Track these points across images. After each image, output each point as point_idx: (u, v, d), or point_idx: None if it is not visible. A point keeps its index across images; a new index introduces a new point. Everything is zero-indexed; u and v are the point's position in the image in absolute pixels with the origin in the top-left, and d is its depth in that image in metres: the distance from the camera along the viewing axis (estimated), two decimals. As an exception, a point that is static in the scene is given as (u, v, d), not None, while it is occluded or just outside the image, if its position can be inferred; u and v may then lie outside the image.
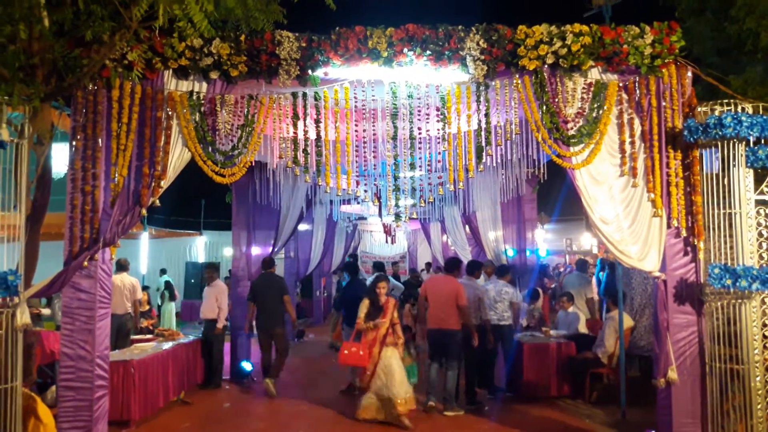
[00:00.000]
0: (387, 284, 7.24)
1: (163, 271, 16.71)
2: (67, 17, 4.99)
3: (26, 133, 5.21)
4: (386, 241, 17.94)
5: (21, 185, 5.20)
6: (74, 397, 5.43)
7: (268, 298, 8.78)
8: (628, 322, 7.98)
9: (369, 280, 9.98)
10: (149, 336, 9.48)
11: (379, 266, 10.89)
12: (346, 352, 7.24)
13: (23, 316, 5.12)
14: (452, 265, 8.30)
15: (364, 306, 7.33)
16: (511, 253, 10.87)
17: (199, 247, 21.58)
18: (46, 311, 9.82)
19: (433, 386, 7.67)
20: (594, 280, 11.43)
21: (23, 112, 5.17)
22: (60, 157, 6.55)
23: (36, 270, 5.50)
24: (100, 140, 5.54)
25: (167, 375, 7.78)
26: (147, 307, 11.50)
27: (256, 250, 10.07)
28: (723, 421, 5.43)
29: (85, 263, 5.45)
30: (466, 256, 13.39)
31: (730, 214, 5.50)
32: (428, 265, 17.78)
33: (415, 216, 14.67)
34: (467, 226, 12.58)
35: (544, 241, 22.51)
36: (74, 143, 5.55)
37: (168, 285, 14.41)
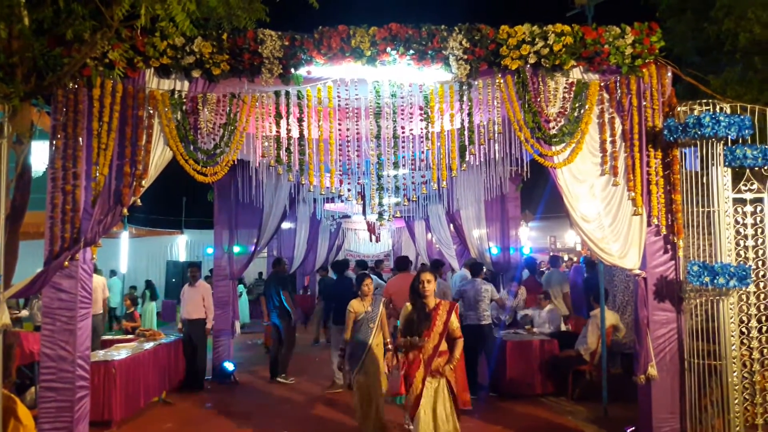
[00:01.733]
0: (435, 280, 5.27)
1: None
2: (47, 16, 4.93)
3: (5, 132, 5.16)
4: (370, 240, 17.94)
5: (0, 184, 5.14)
6: (55, 398, 5.39)
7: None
8: (612, 319, 8.06)
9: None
10: (130, 336, 9.40)
11: (361, 264, 10.90)
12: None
13: (3, 317, 5.06)
14: (404, 263, 8.78)
15: (405, 312, 5.27)
16: (495, 250, 10.93)
17: (181, 246, 21.44)
18: (23, 313, 9.71)
19: None
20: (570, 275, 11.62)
21: (2, 111, 5.11)
22: (39, 156, 6.49)
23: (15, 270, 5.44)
24: (80, 139, 5.49)
25: (148, 375, 7.73)
26: (131, 309, 11.39)
27: (237, 249, 10.04)
28: (701, 416, 5.53)
29: (66, 263, 5.40)
30: (450, 254, 13.49)
31: (708, 212, 5.59)
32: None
33: (399, 215, 14.70)
34: (452, 224, 12.65)
35: (529, 238, 22.68)
36: (54, 142, 5.50)
37: (149, 284, 14.30)
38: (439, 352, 4.97)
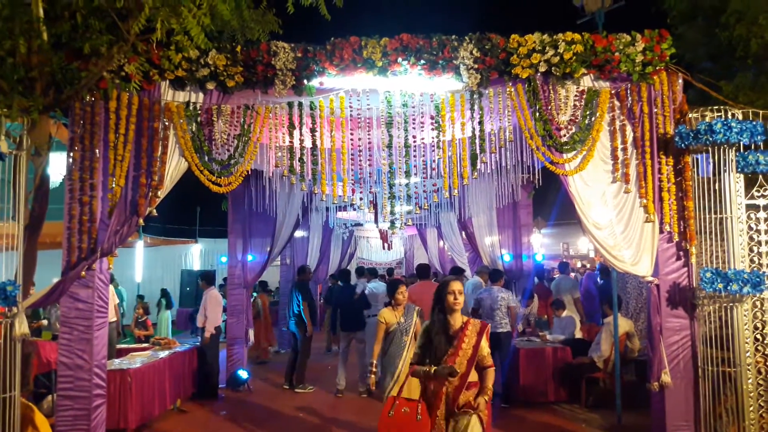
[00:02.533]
0: (462, 289, 4.36)
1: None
2: (65, 30, 5.03)
3: (24, 144, 5.26)
4: (383, 248, 17.96)
5: (19, 196, 5.24)
6: (72, 406, 5.46)
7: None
8: (625, 326, 8.03)
9: (371, 286, 10.06)
10: (145, 345, 9.48)
11: (372, 272, 10.95)
12: (390, 413, 4.76)
13: (21, 326, 5.15)
14: (425, 271, 8.70)
15: (421, 331, 4.41)
16: (507, 258, 10.93)
17: (195, 254, 21.56)
18: (44, 322, 9.82)
19: None
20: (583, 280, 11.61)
21: (22, 124, 5.21)
22: (57, 166, 6.59)
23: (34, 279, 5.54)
24: (97, 151, 5.58)
25: (163, 383, 7.80)
26: (144, 317, 11.48)
27: (251, 257, 10.11)
28: (716, 423, 5.49)
29: (83, 273, 5.47)
30: (462, 261, 13.49)
31: (721, 218, 5.57)
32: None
33: (410, 223, 14.73)
34: (463, 232, 12.66)
35: (541, 245, 22.58)
36: (72, 154, 5.59)
37: (164, 293, 14.41)
38: (468, 384, 4.05)
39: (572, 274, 13.41)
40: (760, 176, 5.62)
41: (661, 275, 5.81)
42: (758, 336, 5.56)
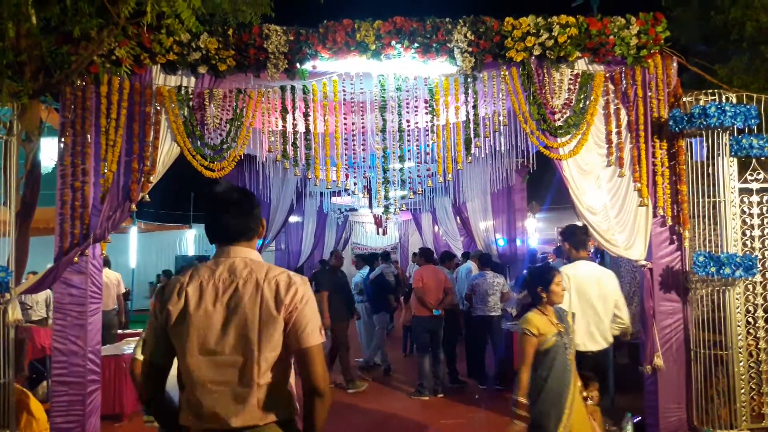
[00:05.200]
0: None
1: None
2: (54, 14, 4.98)
3: (15, 129, 5.22)
4: (377, 233, 17.95)
5: (10, 181, 5.21)
6: (67, 392, 5.46)
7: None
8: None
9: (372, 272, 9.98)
10: (140, 330, 9.47)
11: (366, 258, 10.91)
12: None
13: (15, 312, 5.15)
14: (430, 254, 8.82)
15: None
16: (501, 242, 10.95)
17: (189, 240, 21.52)
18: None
19: (427, 378, 7.84)
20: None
21: (12, 109, 5.17)
22: (48, 152, 6.55)
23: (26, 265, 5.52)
24: (89, 136, 5.53)
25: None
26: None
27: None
28: (707, 405, 5.55)
29: (76, 259, 5.45)
30: (457, 246, 13.50)
31: (714, 202, 5.59)
32: (415, 255, 17.85)
33: (405, 208, 14.73)
34: (458, 217, 12.66)
35: (536, 230, 22.60)
36: (63, 139, 5.54)
37: (159, 279, 14.39)
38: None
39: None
40: (754, 160, 5.64)
41: (655, 259, 5.82)
42: (750, 319, 5.61)
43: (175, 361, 2.37)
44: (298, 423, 2.39)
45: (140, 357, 3.60)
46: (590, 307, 4.89)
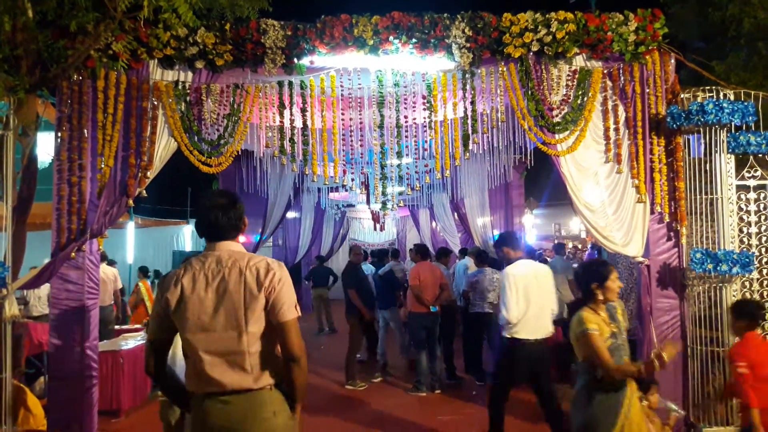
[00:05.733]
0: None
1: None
2: (50, 8, 4.94)
3: (11, 124, 5.20)
4: (375, 229, 17.95)
5: (7, 176, 5.20)
6: (64, 388, 5.44)
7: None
8: (616, 306, 8.06)
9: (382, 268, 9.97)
10: (137, 326, 9.47)
11: (377, 254, 10.89)
12: None
13: (12, 308, 5.14)
14: (426, 251, 8.83)
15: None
16: (499, 239, 10.93)
17: (186, 235, 21.48)
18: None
19: (424, 374, 7.85)
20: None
21: (8, 103, 5.14)
22: (45, 146, 6.52)
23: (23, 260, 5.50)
24: (85, 131, 5.51)
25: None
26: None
27: (242, 239, 10.05)
28: (704, 401, 5.56)
29: (73, 254, 5.44)
30: (454, 242, 13.51)
31: (712, 199, 5.59)
32: (410, 251, 17.83)
33: (402, 204, 14.72)
34: (456, 213, 12.66)
35: (533, 226, 22.66)
36: (60, 134, 5.52)
37: (158, 274, 14.37)
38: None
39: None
40: (751, 157, 5.64)
41: (652, 256, 5.83)
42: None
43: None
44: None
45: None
46: (533, 299, 5.50)
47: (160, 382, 2.96)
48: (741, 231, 5.66)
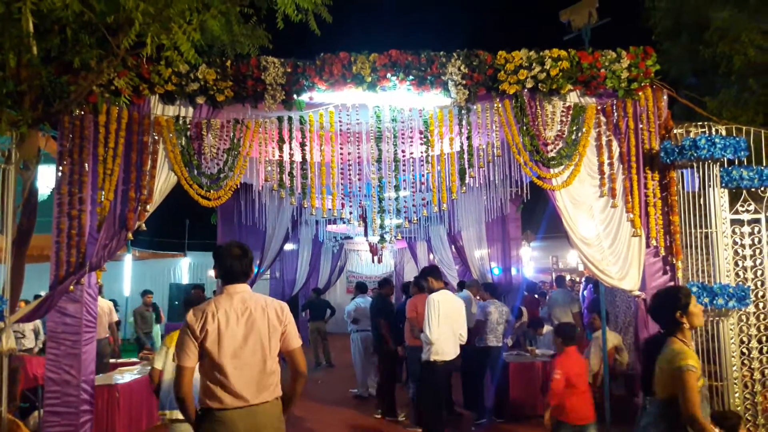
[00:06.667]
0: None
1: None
2: (54, 44, 5.04)
3: (13, 158, 5.25)
4: (373, 261, 17.95)
5: (7, 209, 5.23)
6: (59, 422, 5.40)
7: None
8: (614, 340, 8.04)
9: (358, 301, 9.95)
10: (133, 359, 9.39)
11: (361, 287, 10.89)
12: None
13: (9, 341, 5.12)
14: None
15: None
16: (497, 271, 10.94)
17: (184, 268, 21.43)
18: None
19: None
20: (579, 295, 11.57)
21: (10, 137, 5.20)
22: (45, 179, 6.57)
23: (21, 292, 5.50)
24: (86, 165, 5.57)
25: (152, 398, 7.72)
26: None
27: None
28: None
29: (71, 287, 5.45)
30: (452, 275, 13.49)
31: (706, 233, 5.64)
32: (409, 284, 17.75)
33: (400, 237, 14.76)
34: (453, 246, 12.67)
35: (531, 259, 22.61)
36: (61, 168, 5.58)
37: (154, 307, 14.29)
38: None
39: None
40: (744, 191, 5.71)
41: (648, 289, 5.84)
42: (744, 350, 5.62)
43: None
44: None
45: (158, 366, 4.89)
46: (450, 325, 6.39)
47: (188, 404, 3.38)
48: (736, 264, 5.70)
